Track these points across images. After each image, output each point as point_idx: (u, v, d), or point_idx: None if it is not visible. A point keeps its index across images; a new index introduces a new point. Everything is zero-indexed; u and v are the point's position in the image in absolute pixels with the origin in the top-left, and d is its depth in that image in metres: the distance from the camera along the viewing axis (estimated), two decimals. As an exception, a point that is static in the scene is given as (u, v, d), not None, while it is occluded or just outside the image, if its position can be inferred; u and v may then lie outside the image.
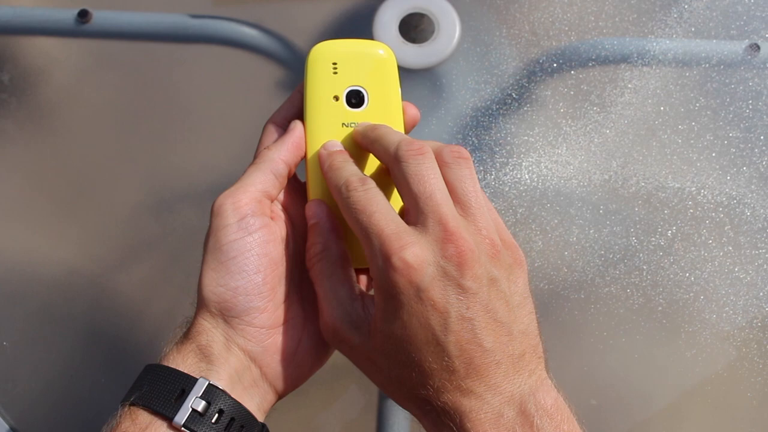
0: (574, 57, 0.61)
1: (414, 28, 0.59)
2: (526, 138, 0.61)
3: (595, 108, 0.61)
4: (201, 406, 0.35)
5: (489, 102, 0.61)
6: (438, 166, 0.37)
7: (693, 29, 0.61)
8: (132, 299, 0.61)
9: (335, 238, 0.39)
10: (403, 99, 0.42)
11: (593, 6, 0.62)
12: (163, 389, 0.35)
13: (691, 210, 0.60)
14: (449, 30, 0.58)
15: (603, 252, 0.60)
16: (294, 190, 0.42)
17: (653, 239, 0.60)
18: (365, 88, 0.41)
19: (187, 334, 0.37)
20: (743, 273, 0.60)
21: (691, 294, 0.60)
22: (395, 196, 0.41)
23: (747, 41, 0.61)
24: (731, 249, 0.60)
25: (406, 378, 0.35)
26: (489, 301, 0.35)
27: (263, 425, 0.38)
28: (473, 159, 0.54)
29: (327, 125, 0.41)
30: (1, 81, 0.62)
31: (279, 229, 0.39)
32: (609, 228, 0.60)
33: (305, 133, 0.41)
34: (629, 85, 0.61)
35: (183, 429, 0.34)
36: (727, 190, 0.60)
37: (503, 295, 0.35)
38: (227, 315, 0.37)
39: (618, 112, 0.61)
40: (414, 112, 0.42)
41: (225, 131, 0.63)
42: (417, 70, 0.58)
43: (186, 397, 0.35)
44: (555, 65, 0.61)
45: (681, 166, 0.60)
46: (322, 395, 0.61)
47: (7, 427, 0.58)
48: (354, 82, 0.41)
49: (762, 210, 0.60)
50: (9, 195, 0.62)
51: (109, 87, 0.64)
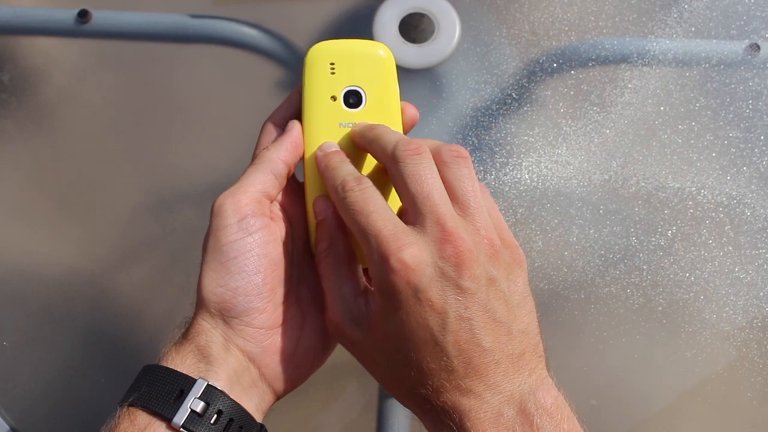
0: (574, 57, 0.61)
1: (414, 28, 0.59)
2: (526, 138, 0.61)
3: (595, 108, 0.61)
4: (200, 406, 0.35)
5: (489, 102, 0.61)
6: (436, 165, 0.37)
7: (693, 29, 0.61)
8: (132, 299, 0.61)
9: (342, 234, 0.39)
10: (403, 99, 0.42)
11: (593, 6, 0.62)
12: (162, 390, 0.35)
13: (691, 210, 0.60)
14: (449, 30, 0.58)
15: (603, 252, 0.60)
16: (292, 190, 0.42)
17: (653, 239, 0.60)
18: (363, 88, 0.41)
19: (186, 334, 0.37)
20: (743, 273, 0.60)
21: (691, 294, 0.60)
22: (393, 196, 0.41)
23: (747, 41, 0.61)
24: (731, 249, 0.60)
25: (405, 377, 0.35)
26: (488, 301, 0.35)
27: (262, 426, 0.38)
28: (473, 159, 0.54)
29: (324, 125, 0.41)
30: (1, 81, 0.62)
31: (279, 230, 0.39)
32: (609, 228, 0.60)
33: (303, 133, 0.41)
34: (629, 85, 0.61)
35: (182, 430, 0.34)
36: (727, 190, 0.60)
37: (502, 295, 0.35)
38: (227, 315, 0.37)
39: (618, 112, 0.61)
40: (413, 112, 0.42)
41: (225, 131, 0.63)
42: (417, 70, 0.58)
43: (185, 398, 0.35)
44: (555, 65, 0.61)
45: (681, 166, 0.60)
46: (321, 395, 0.61)
47: (7, 427, 0.58)
48: (352, 82, 0.41)
49: (762, 210, 0.60)
50: (9, 195, 0.62)
51: (109, 87, 0.64)
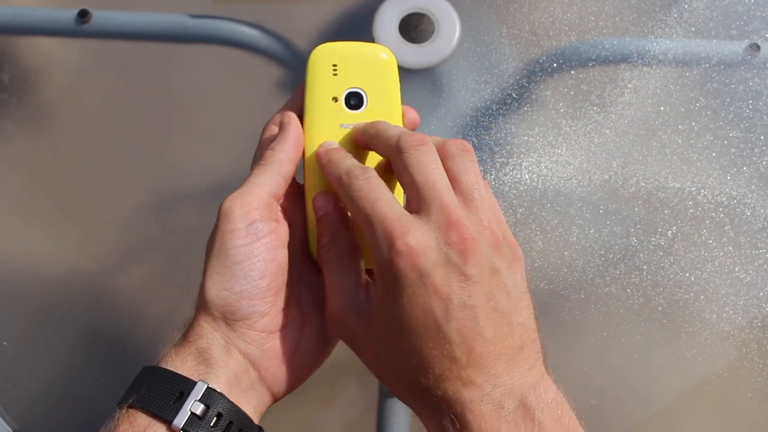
0: (574, 57, 0.61)
1: (414, 28, 0.59)
2: (526, 138, 0.61)
3: (595, 108, 0.61)
4: (200, 409, 0.35)
5: (489, 102, 0.61)
6: (441, 158, 0.37)
7: (693, 29, 0.61)
8: (132, 299, 0.61)
9: (343, 228, 0.39)
10: (403, 99, 0.42)
11: (593, 6, 0.62)
12: (162, 392, 0.35)
13: (691, 210, 0.60)
14: (449, 30, 0.58)
15: (603, 252, 0.60)
16: (290, 191, 0.42)
17: (653, 239, 0.60)
18: (364, 90, 0.41)
19: (186, 336, 0.37)
20: (743, 273, 0.60)
21: (691, 294, 0.60)
22: (396, 192, 0.41)
23: (747, 41, 0.61)
24: (731, 249, 0.60)
25: (406, 368, 0.35)
26: (490, 290, 0.35)
27: (260, 428, 0.38)
28: (473, 159, 0.54)
29: (325, 126, 0.41)
30: (1, 81, 0.62)
31: (284, 233, 0.39)
32: (609, 228, 0.60)
33: (303, 132, 0.41)
34: (629, 85, 0.61)
35: (182, 432, 0.34)
36: (727, 190, 0.60)
37: (504, 286, 0.35)
38: (230, 319, 0.37)
39: (618, 112, 0.61)
40: (414, 115, 0.42)
41: (225, 131, 0.63)
42: (417, 70, 0.58)
43: (185, 400, 0.35)
44: (555, 65, 0.61)
45: (681, 166, 0.60)
46: (321, 395, 0.61)
47: (7, 427, 0.58)
48: (353, 83, 0.41)
49: (762, 210, 0.60)
50: (9, 195, 0.62)
51: (109, 87, 0.64)
